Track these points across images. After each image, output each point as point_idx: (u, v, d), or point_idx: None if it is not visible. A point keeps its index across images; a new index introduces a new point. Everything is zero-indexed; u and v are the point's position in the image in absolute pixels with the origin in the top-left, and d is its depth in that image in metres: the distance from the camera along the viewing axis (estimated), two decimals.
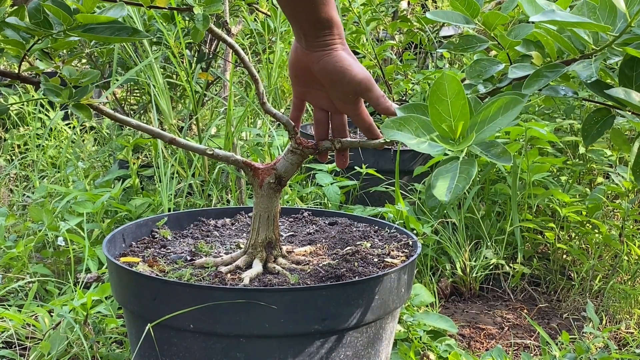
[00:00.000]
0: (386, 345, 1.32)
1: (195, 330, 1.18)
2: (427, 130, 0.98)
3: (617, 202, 2.26)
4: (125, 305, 1.28)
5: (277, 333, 1.17)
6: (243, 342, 1.18)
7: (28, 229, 2.16)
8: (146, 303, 1.22)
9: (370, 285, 1.20)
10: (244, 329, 1.16)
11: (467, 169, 0.91)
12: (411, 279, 1.33)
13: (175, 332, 1.20)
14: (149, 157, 2.33)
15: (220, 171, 1.99)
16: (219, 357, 1.19)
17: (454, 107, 0.94)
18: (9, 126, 3.45)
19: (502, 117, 0.93)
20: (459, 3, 1.19)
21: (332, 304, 1.17)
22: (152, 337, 1.21)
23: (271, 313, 1.15)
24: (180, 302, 1.16)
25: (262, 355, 1.19)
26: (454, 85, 0.94)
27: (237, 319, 1.16)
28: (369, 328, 1.24)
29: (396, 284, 1.24)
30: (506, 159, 0.94)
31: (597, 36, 1.07)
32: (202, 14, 1.36)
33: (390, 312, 1.27)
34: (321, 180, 2.10)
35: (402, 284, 1.27)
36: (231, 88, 1.98)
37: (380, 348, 1.29)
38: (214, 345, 1.19)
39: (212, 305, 1.15)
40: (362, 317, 1.20)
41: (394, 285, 1.24)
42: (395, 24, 2.97)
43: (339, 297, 1.18)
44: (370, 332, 1.25)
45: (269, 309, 1.15)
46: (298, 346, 1.18)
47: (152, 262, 1.30)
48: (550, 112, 2.59)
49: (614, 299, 1.98)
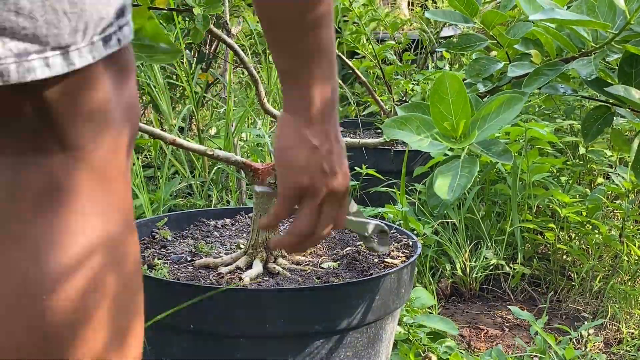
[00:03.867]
0: (386, 346, 1.32)
1: (195, 330, 1.18)
2: (428, 128, 0.98)
3: (617, 203, 2.26)
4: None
5: (277, 333, 1.17)
6: (243, 342, 1.18)
7: None
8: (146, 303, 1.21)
9: (371, 286, 1.20)
10: (244, 329, 1.16)
11: (468, 168, 0.91)
12: (411, 279, 1.32)
13: (175, 333, 1.20)
14: (149, 158, 2.33)
15: (220, 172, 1.99)
16: (219, 358, 1.19)
17: (455, 106, 0.94)
18: None
19: (502, 114, 0.93)
20: (458, 2, 1.19)
21: (332, 305, 1.17)
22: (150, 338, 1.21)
23: (271, 313, 1.15)
24: (179, 303, 1.15)
25: (262, 356, 1.18)
26: (455, 84, 0.94)
27: (237, 320, 1.16)
28: (369, 328, 1.24)
29: (396, 284, 1.24)
30: (507, 157, 0.94)
31: (597, 34, 1.08)
32: (202, 14, 1.36)
33: (390, 313, 1.27)
34: None
35: (402, 284, 1.26)
36: (230, 88, 1.98)
37: (381, 349, 1.29)
38: (214, 346, 1.19)
39: (212, 306, 1.14)
40: (362, 317, 1.20)
41: (394, 286, 1.24)
42: (395, 25, 2.97)
43: (339, 298, 1.17)
44: (370, 332, 1.24)
45: (269, 310, 1.15)
46: (298, 346, 1.18)
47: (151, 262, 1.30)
48: (551, 112, 2.59)
49: (614, 300, 1.97)
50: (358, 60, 3.22)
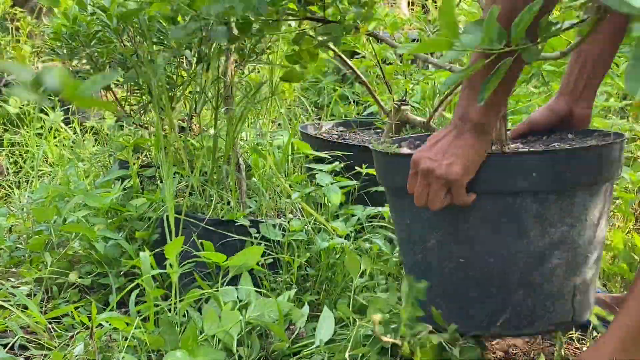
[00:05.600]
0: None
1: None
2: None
3: (618, 203, 2.26)
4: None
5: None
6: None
7: (28, 229, 2.16)
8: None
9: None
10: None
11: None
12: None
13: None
14: (149, 157, 2.33)
15: (220, 171, 2.00)
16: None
17: None
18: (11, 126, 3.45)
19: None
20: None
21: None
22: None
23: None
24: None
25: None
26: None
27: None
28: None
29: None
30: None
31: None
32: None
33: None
34: (321, 181, 2.10)
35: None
36: (232, 88, 1.98)
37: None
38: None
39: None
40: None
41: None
42: (395, 25, 2.97)
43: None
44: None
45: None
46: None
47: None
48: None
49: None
50: (358, 60, 3.23)
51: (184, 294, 1.61)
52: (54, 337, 1.64)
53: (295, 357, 1.50)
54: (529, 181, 1.30)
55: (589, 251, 1.42)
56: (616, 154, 1.39)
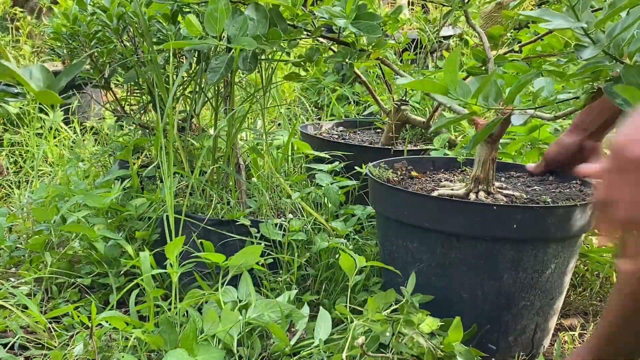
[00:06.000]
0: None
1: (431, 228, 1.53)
2: None
3: None
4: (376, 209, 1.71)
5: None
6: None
7: (28, 229, 2.16)
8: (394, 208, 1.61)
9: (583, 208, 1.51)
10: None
11: None
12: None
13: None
14: (149, 157, 2.33)
15: (220, 171, 1.99)
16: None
17: None
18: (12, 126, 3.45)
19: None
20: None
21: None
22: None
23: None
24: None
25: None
26: None
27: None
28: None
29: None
30: None
31: None
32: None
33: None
34: (321, 181, 2.11)
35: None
36: (232, 88, 1.98)
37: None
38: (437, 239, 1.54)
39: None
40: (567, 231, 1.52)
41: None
42: (394, 25, 2.97)
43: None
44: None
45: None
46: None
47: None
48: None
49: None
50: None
51: (184, 294, 1.61)
52: (54, 337, 1.64)
53: (295, 357, 1.50)
54: (508, 230, 1.46)
55: (554, 295, 1.60)
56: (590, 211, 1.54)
